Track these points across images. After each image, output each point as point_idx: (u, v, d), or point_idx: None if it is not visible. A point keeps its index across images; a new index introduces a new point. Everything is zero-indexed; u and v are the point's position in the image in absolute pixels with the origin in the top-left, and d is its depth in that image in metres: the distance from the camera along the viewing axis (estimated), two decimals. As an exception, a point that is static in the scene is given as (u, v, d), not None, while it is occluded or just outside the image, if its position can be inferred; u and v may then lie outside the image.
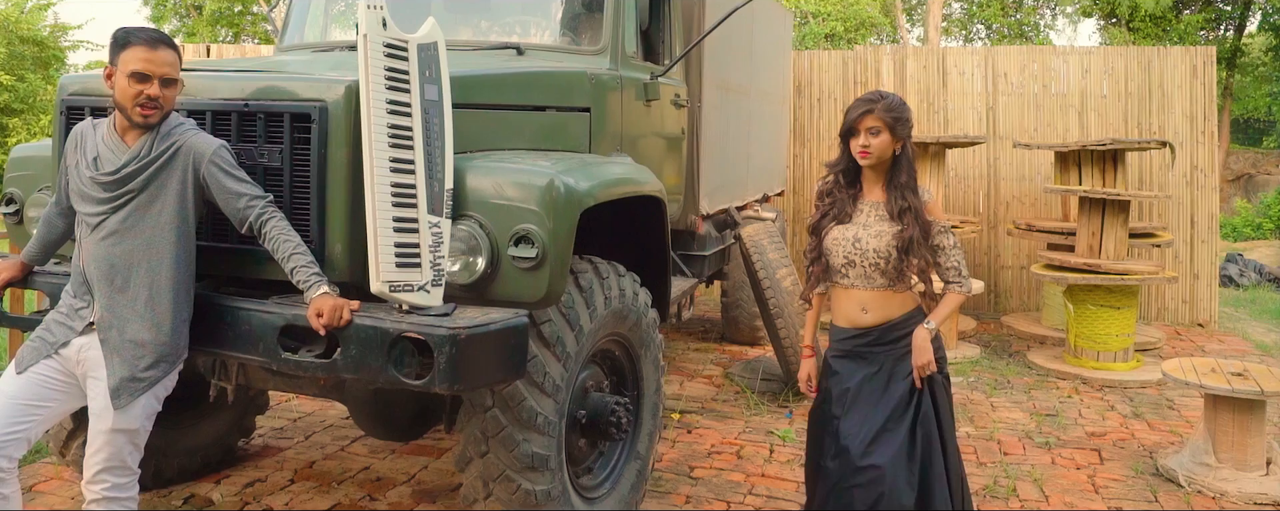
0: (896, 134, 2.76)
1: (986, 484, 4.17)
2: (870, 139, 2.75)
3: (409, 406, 3.39)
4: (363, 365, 2.48)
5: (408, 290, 2.55)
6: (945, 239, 2.84)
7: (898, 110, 2.76)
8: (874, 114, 2.75)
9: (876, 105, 2.74)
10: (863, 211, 2.83)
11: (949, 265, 2.84)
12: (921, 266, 2.77)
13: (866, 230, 2.80)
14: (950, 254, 2.84)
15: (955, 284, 2.86)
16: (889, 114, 2.75)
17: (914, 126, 2.89)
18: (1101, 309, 6.12)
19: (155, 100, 2.48)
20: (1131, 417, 5.26)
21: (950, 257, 2.84)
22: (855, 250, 2.80)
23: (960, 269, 2.85)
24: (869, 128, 2.75)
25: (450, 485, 3.92)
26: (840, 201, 2.85)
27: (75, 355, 2.53)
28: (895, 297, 2.82)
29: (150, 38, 2.53)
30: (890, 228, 2.77)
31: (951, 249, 2.84)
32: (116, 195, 2.51)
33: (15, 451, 2.48)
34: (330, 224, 2.68)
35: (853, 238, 2.80)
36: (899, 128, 2.76)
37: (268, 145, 2.72)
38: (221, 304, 2.69)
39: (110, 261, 2.51)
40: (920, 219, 2.75)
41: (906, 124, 2.78)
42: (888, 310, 2.83)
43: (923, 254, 2.76)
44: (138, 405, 2.51)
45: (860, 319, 2.85)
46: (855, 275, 2.82)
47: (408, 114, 2.65)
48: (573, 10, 4.07)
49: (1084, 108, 8.13)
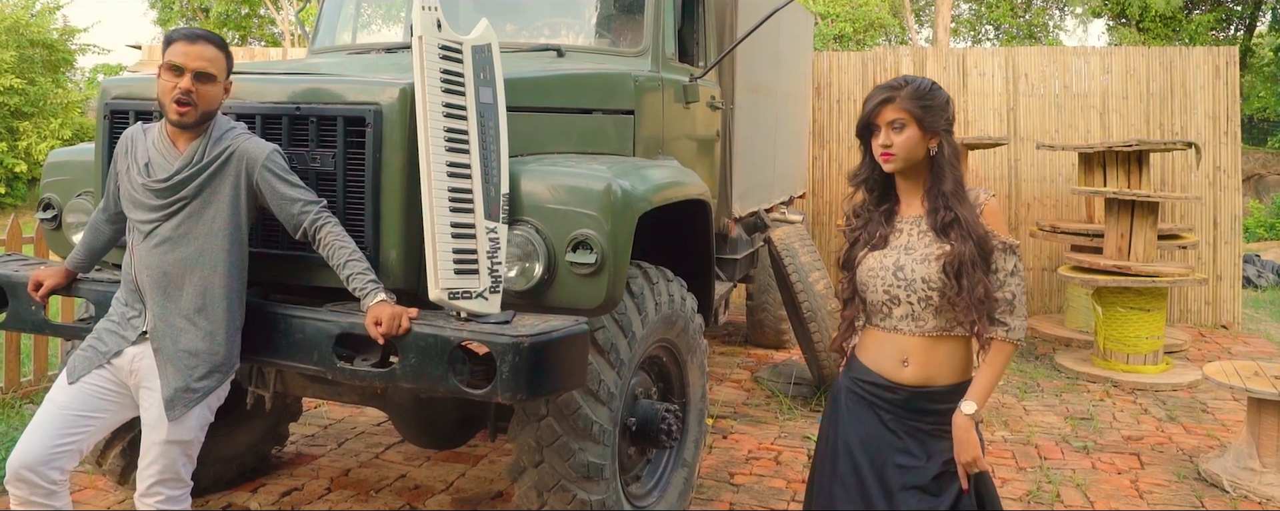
0: (928, 127, 2.16)
1: (1030, 489, 4.12)
2: (892, 136, 2.17)
3: (452, 414, 3.34)
4: (422, 374, 2.43)
5: (466, 297, 2.50)
6: (1005, 259, 2.18)
7: (927, 96, 2.17)
8: (896, 103, 2.16)
9: (898, 92, 2.16)
10: (902, 231, 2.23)
11: (1001, 295, 2.16)
12: (981, 295, 2.12)
13: (910, 254, 2.18)
14: (1008, 282, 2.17)
15: (1003, 325, 2.15)
16: (916, 102, 2.16)
17: (954, 117, 2.23)
18: (1131, 311, 6.07)
19: (189, 95, 2.40)
20: (1166, 421, 5.21)
21: (1007, 286, 2.16)
22: (897, 281, 2.19)
23: (1016, 304, 2.17)
24: (891, 122, 2.17)
25: (489, 493, 3.87)
26: (873, 221, 2.26)
27: (128, 365, 2.48)
28: (948, 351, 2.20)
29: (190, 33, 2.49)
30: (939, 247, 2.16)
31: (1010, 275, 2.17)
32: (169, 202, 2.46)
33: (67, 463, 2.42)
34: (385, 229, 2.63)
35: (894, 265, 2.19)
36: (931, 119, 2.16)
37: (320, 149, 2.66)
38: (273, 312, 2.64)
39: (163, 269, 2.45)
40: (974, 232, 2.13)
41: (941, 113, 2.18)
42: (933, 368, 2.20)
43: (980, 279, 2.12)
44: (192, 416, 2.46)
45: (896, 372, 2.23)
46: (899, 315, 2.21)
47: (463, 117, 2.60)
48: (610, 12, 4.02)
49: (1105, 108, 8.08)
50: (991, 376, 2.18)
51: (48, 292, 2.81)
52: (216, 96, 2.48)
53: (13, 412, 4.65)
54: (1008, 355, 2.20)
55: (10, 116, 14.64)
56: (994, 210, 2.20)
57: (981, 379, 2.18)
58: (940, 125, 2.18)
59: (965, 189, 2.19)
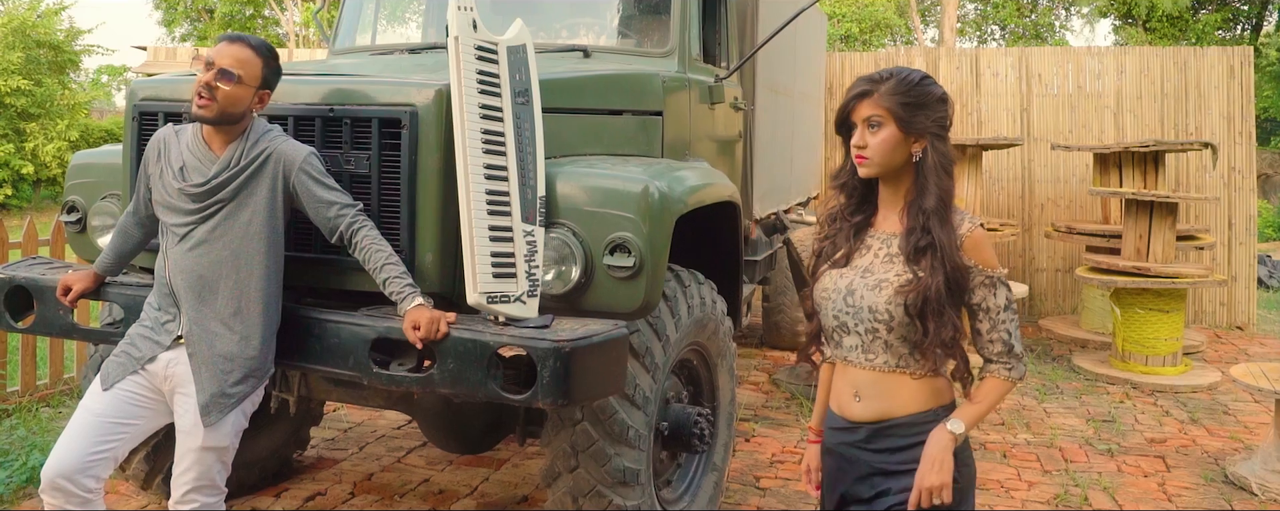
0: (910, 128, 1.84)
1: (1057, 492, 4.09)
2: (867, 135, 1.87)
3: (481, 418, 3.31)
4: (461, 379, 2.39)
5: (504, 301, 2.47)
6: (993, 295, 1.88)
7: (912, 91, 1.85)
8: (873, 98, 1.86)
9: (879, 86, 1.86)
10: (870, 248, 1.95)
11: (995, 336, 1.89)
12: (949, 337, 1.84)
13: (866, 278, 1.90)
14: (999, 319, 1.88)
15: (1001, 363, 1.90)
16: (898, 98, 1.84)
17: (952, 118, 1.92)
18: (1150, 312, 6.04)
19: (209, 89, 2.37)
20: (1189, 423, 5.18)
21: (999, 325, 1.88)
22: (847, 307, 1.91)
23: (1012, 342, 1.89)
24: (867, 118, 1.87)
25: (515, 497, 3.83)
26: (841, 233, 1.98)
27: (162, 370, 2.45)
28: (906, 384, 1.90)
29: (235, 36, 2.48)
30: (900, 274, 1.87)
31: (1001, 312, 1.88)
32: (205, 205, 2.42)
33: (103, 471, 2.39)
34: (420, 233, 2.60)
35: (846, 288, 1.92)
36: (914, 118, 1.84)
37: (354, 152, 2.63)
38: (308, 316, 2.61)
39: (198, 273, 2.42)
40: (949, 262, 1.83)
41: (928, 112, 1.86)
42: (889, 401, 1.91)
43: (951, 318, 1.83)
44: (227, 422, 2.42)
45: (850, 407, 1.96)
46: (849, 344, 1.93)
47: (499, 119, 2.57)
48: (633, 12, 3.99)
49: (1120, 108, 8.05)
50: (984, 408, 1.91)
51: (77, 296, 2.77)
52: (239, 98, 2.42)
53: (30, 416, 4.62)
54: (1005, 392, 1.94)
55: (17, 118, 14.61)
56: (978, 241, 1.87)
57: (972, 407, 1.91)
58: (927, 127, 1.86)
59: (952, 210, 1.87)
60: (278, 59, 2.52)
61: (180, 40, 22.65)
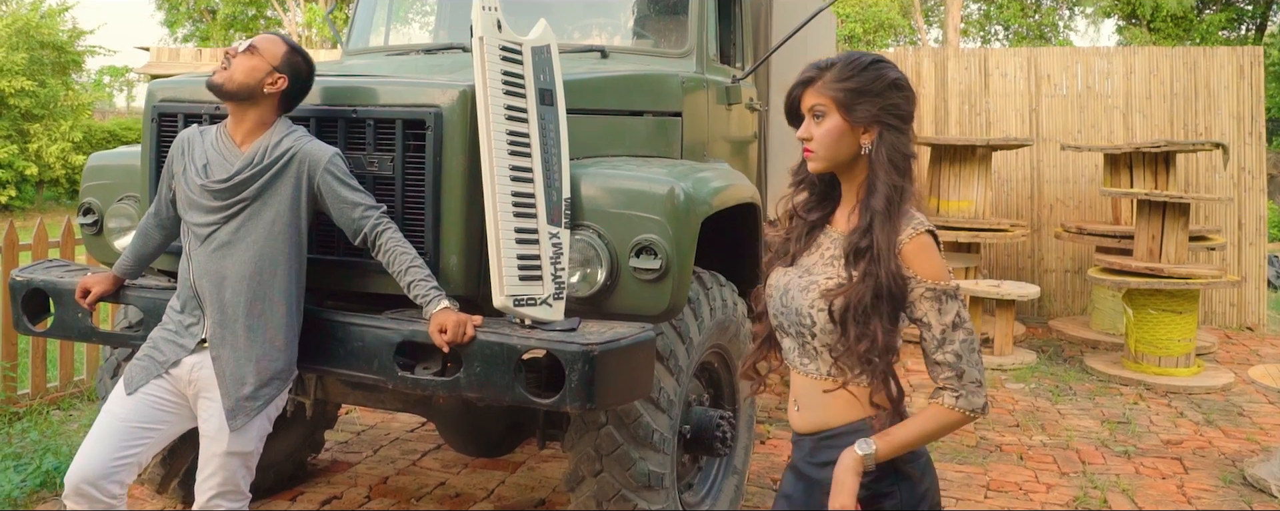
0: (856, 117, 1.69)
1: (1076, 495, 4.07)
2: (812, 127, 1.73)
3: (501, 421, 3.28)
4: (488, 383, 2.37)
5: (531, 304, 2.45)
6: (938, 311, 1.67)
7: (858, 76, 1.70)
8: (817, 85, 1.72)
9: (825, 72, 1.72)
10: (821, 246, 1.80)
11: (940, 357, 1.68)
12: (864, 351, 1.66)
13: (803, 277, 1.77)
14: (946, 339, 1.67)
15: (948, 390, 1.68)
16: (841, 83, 1.69)
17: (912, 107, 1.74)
18: (1163, 313, 6.01)
19: (228, 58, 2.40)
20: (1204, 425, 5.15)
21: (945, 345, 1.67)
22: (782, 307, 1.79)
23: (962, 366, 1.67)
24: (812, 108, 1.73)
25: (532, 500, 3.81)
26: (797, 230, 1.84)
27: (186, 375, 2.42)
28: (838, 394, 1.73)
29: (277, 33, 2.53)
30: (831, 277, 1.72)
31: (950, 330, 1.67)
32: (229, 204, 2.40)
33: (127, 476, 2.37)
34: (445, 235, 2.58)
35: (784, 288, 1.79)
36: (861, 106, 1.69)
37: (377, 153, 2.61)
38: (330, 319, 2.58)
39: (222, 274, 2.40)
40: (884, 269, 1.65)
41: (878, 101, 1.69)
42: (825, 411, 1.75)
43: (876, 332, 1.65)
44: (253, 426, 2.40)
45: (793, 417, 1.83)
46: (788, 347, 1.81)
47: (524, 120, 2.55)
48: (650, 12, 3.97)
49: (1129, 109, 8.03)
50: (912, 435, 1.67)
51: (95, 299, 2.75)
52: (254, 69, 2.40)
53: (41, 419, 4.59)
54: (950, 424, 1.68)
55: (21, 119, 14.57)
56: (919, 249, 1.67)
57: (899, 431, 1.68)
58: (875, 115, 1.69)
59: (902, 212, 1.69)
60: (306, 56, 2.50)
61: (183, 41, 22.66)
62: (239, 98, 2.39)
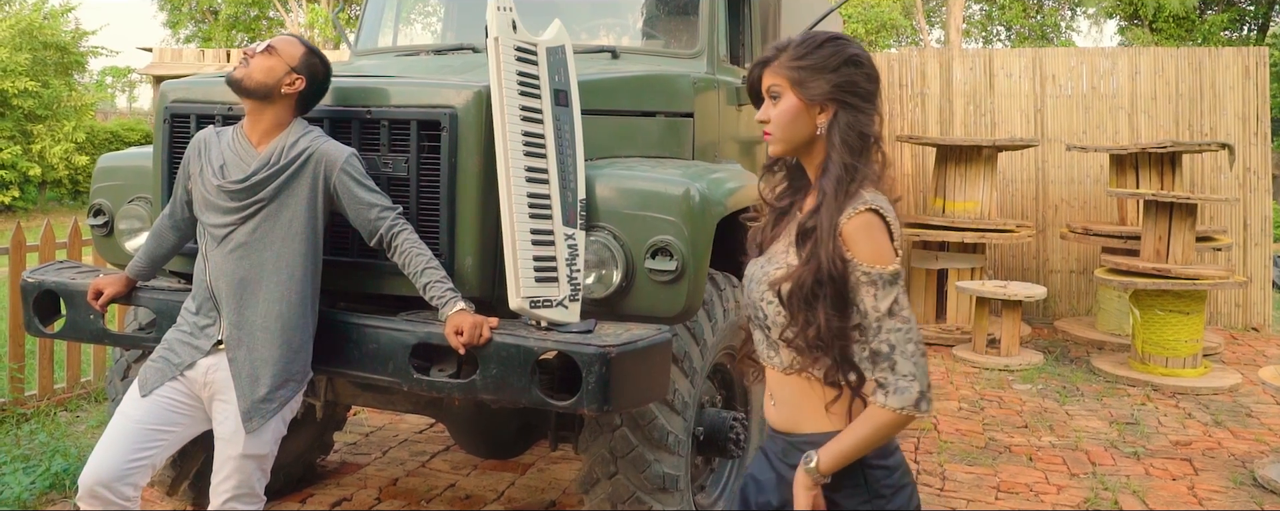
0: (811, 95, 1.64)
1: (1087, 496, 4.06)
2: (769, 108, 1.69)
3: (512, 423, 3.27)
4: (504, 385, 2.36)
5: (546, 305, 2.44)
6: (873, 296, 1.59)
7: (811, 54, 1.65)
8: (773, 65, 1.68)
9: (781, 53, 1.68)
10: (787, 233, 1.73)
11: (875, 347, 1.59)
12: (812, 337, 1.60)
13: (763, 267, 1.73)
14: (880, 328, 1.58)
15: (880, 387, 1.59)
16: (795, 61, 1.65)
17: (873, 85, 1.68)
18: (1170, 314, 6.00)
19: (247, 58, 2.41)
20: (1213, 426, 5.14)
21: (879, 334, 1.58)
22: (748, 299, 1.75)
23: (896, 358, 1.57)
24: (769, 89, 1.70)
25: (543, 502, 3.80)
26: (768, 218, 1.79)
27: (201, 377, 2.41)
28: (814, 392, 1.66)
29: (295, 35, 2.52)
30: (779, 266, 1.68)
31: (885, 317, 1.58)
32: (245, 204, 2.39)
33: (140, 479, 2.36)
34: (460, 236, 2.57)
35: (749, 278, 1.76)
36: (816, 84, 1.64)
37: (392, 154, 2.60)
38: (345, 321, 2.57)
39: (239, 275, 2.39)
40: (826, 250, 1.59)
41: (832, 77, 1.64)
42: (797, 412, 1.70)
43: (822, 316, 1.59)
44: (268, 429, 2.39)
45: (769, 412, 1.78)
46: (758, 339, 1.75)
47: (539, 121, 2.54)
48: (661, 13, 3.96)
49: (1134, 109, 8.02)
50: (850, 444, 1.60)
51: (108, 301, 2.74)
52: (271, 69, 2.41)
53: (48, 420, 4.58)
54: (885, 425, 1.59)
55: (24, 119, 14.56)
56: (858, 228, 1.59)
57: (843, 439, 1.61)
58: (829, 93, 1.63)
59: (854, 190, 1.62)
60: (323, 58, 2.50)
61: (185, 42, 22.65)
62: (256, 96, 2.39)
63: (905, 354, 1.57)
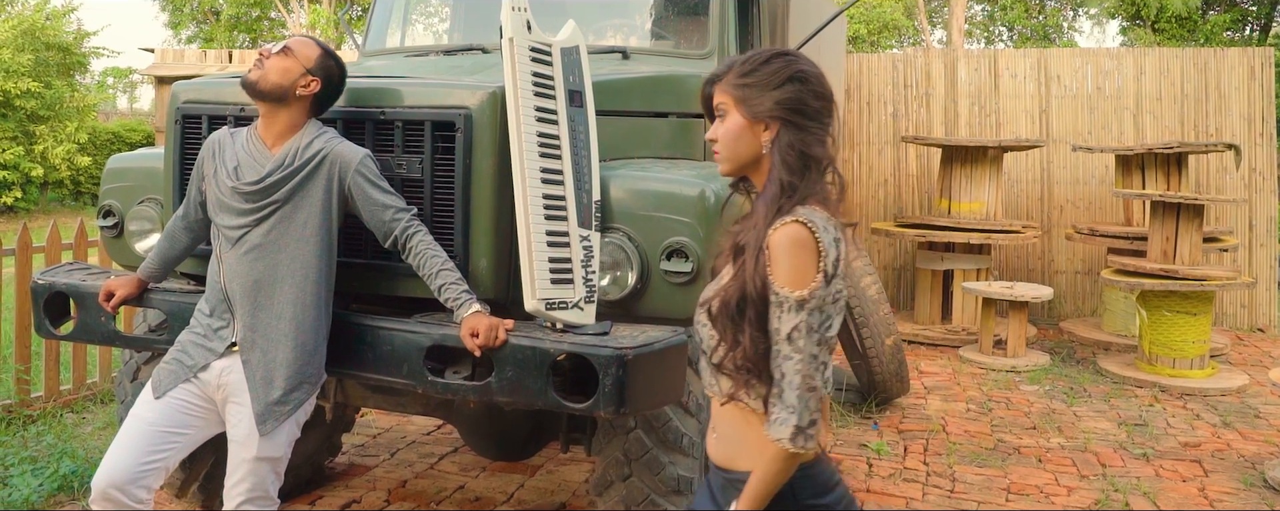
0: (755, 113, 1.60)
1: (1098, 497, 4.05)
2: (718, 127, 1.66)
3: (524, 425, 3.26)
4: (520, 387, 2.35)
5: (562, 307, 2.43)
6: (778, 319, 1.52)
7: (755, 72, 1.61)
8: (720, 84, 1.65)
9: (729, 70, 1.65)
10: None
11: (774, 373, 1.52)
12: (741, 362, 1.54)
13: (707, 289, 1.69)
14: (782, 353, 1.51)
15: (778, 421, 1.51)
16: (738, 80, 1.62)
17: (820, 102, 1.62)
18: (1177, 315, 5.99)
19: (261, 59, 2.39)
20: (1221, 427, 5.13)
21: (777, 362, 1.52)
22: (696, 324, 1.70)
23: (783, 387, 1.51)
24: (717, 106, 1.67)
25: (553, 504, 3.79)
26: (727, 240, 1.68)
27: (215, 379, 2.40)
28: (751, 426, 1.59)
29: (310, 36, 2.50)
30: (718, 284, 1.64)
31: (784, 343, 1.51)
32: (260, 206, 2.38)
33: (154, 481, 2.35)
34: (474, 238, 2.56)
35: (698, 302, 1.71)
36: (759, 101, 1.60)
37: (406, 155, 2.59)
38: (358, 323, 2.56)
39: (253, 277, 2.38)
40: (751, 266, 1.54)
41: (775, 94, 1.59)
42: (735, 446, 1.64)
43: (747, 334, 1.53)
44: (282, 431, 2.38)
45: (709, 441, 1.72)
46: (703, 367, 1.69)
47: (554, 121, 2.53)
48: (671, 13, 3.95)
49: (1139, 110, 8.01)
50: (758, 480, 1.54)
51: (119, 303, 2.73)
52: (287, 71, 2.39)
53: (55, 422, 4.57)
54: (772, 458, 1.52)
55: (27, 120, 14.54)
56: (782, 240, 1.52)
57: (752, 479, 1.55)
58: (771, 110, 1.59)
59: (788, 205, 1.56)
60: (338, 59, 2.49)
61: (187, 42, 22.66)
62: (272, 98, 2.37)
63: (791, 385, 1.50)
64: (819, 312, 1.51)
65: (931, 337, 7.02)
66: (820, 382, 1.52)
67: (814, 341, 1.51)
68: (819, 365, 1.52)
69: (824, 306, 1.52)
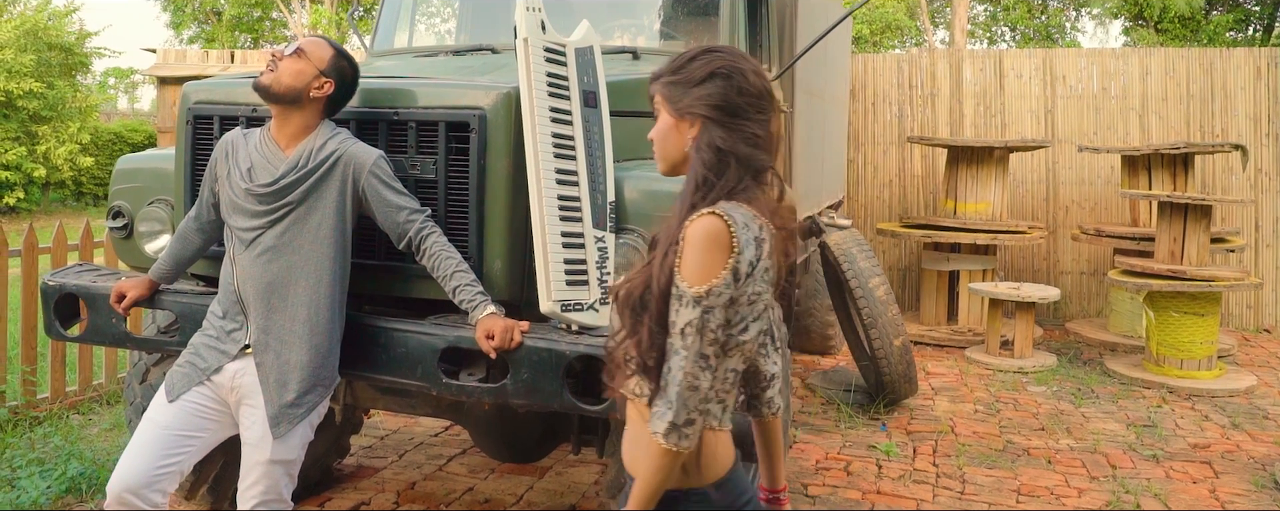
0: (680, 111, 1.59)
1: (1108, 499, 4.03)
2: (654, 127, 1.66)
3: (535, 427, 3.24)
4: (536, 389, 2.34)
5: (578, 309, 2.41)
6: (675, 312, 1.49)
7: (679, 71, 1.61)
8: (655, 84, 1.65)
9: (663, 70, 1.64)
10: None
11: (667, 367, 1.49)
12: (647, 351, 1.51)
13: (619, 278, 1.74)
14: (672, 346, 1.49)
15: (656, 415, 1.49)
16: (665, 79, 1.62)
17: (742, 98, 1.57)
18: (1185, 316, 5.98)
19: (275, 61, 2.38)
20: (1231, 428, 5.12)
21: (672, 359, 1.49)
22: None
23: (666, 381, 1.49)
24: (656, 106, 1.66)
25: (562, 506, 3.77)
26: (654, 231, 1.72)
27: (229, 382, 2.38)
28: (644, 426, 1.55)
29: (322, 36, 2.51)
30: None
31: (676, 337, 1.48)
32: (274, 208, 2.37)
33: (169, 485, 2.33)
34: (489, 239, 2.54)
35: None
36: (682, 100, 1.59)
37: (420, 156, 2.57)
38: (372, 325, 2.55)
39: (267, 279, 2.36)
40: (660, 258, 1.53)
41: (695, 91, 1.58)
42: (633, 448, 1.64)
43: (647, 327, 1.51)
44: (296, 433, 2.37)
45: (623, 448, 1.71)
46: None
47: (569, 122, 2.51)
48: (681, 13, 3.93)
49: (1145, 110, 8.00)
50: (641, 479, 1.52)
51: (131, 304, 2.71)
52: (300, 73, 2.37)
53: (62, 423, 4.56)
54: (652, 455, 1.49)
55: (29, 121, 14.53)
56: (695, 232, 1.49)
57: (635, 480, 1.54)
58: (690, 107, 1.57)
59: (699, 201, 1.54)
60: (351, 59, 2.47)
61: (188, 42, 22.66)
62: (285, 101, 2.36)
63: (674, 381, 1.47)
64: (717, 312, 1.47)
65: (937, 338, 7.00)
66: (706, 384, 1.48)
67: (705, 340, 1.48)
68: (707, 366, 1.48)
69: (728, 306, 1.49)
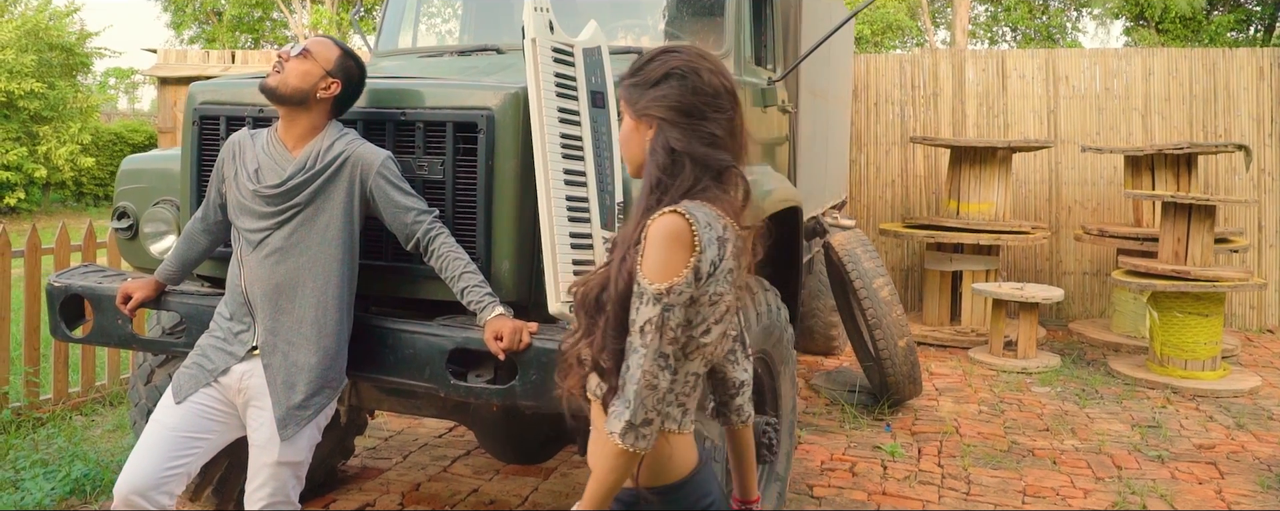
0: (636, 112, 1.60)
1: (1114, 500, 4.03)
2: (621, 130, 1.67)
3: (542, 428, 3.24)
4: (544, 390, 2.32)
5: (586, 310, 2.40)
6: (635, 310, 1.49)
7: (638, 73, 1.61)
8: (620, 88, 1.65)
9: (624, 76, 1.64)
10: None
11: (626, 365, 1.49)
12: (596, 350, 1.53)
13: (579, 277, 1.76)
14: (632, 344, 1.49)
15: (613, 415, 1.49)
16: (626, 83, 1.62)
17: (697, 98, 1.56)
18: (1189, 316, 5.97)
19: (281, 62, 2.36)
20: (1235, 429, 5.11)
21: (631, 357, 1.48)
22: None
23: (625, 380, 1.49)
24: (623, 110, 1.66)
25: (566, 506, 3.76)
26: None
27: (236, 383, 2.38)
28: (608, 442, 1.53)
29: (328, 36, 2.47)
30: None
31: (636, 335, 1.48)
32: (281, 209, 2.36)
33: (176, 487, 2.32)
34: (497, 240, 2.53)
35: None
36: (640, 101, 1.59)
37: (427, 156, 2.57)
38: (379, 326, 2.54)
39: (275, 281, 2.35)
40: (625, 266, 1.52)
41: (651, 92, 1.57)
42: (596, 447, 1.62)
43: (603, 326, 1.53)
44: (303, 435, 2.36)
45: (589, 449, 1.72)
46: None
47: (577, 122, 2.50)
48: (686, 14, 3.92)
49: (1148, 110, 7.99)
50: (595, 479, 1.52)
51: (137, 305, 2.70)
52: (307, 74, 2.36)
53: (65, 425, 4.55)
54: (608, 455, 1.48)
55: (30, 121, 14.52)
56: (657, 230, 1.48)
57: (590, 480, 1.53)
58: (646, 108, 1.57)
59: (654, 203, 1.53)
60: (358, 60, 2.46)
61: (189, 43, 22.66)
62: (292, 102, 2.35)
63: (632, 379, 1.47)
64: (677, 310, 1.47)
65: (941, 339, 7.00)
66: (666, 383, 1.48)
67: (665, 339, 1.47)
68: (666, 365, 1.48)
69: (689, 306, 1.49)
